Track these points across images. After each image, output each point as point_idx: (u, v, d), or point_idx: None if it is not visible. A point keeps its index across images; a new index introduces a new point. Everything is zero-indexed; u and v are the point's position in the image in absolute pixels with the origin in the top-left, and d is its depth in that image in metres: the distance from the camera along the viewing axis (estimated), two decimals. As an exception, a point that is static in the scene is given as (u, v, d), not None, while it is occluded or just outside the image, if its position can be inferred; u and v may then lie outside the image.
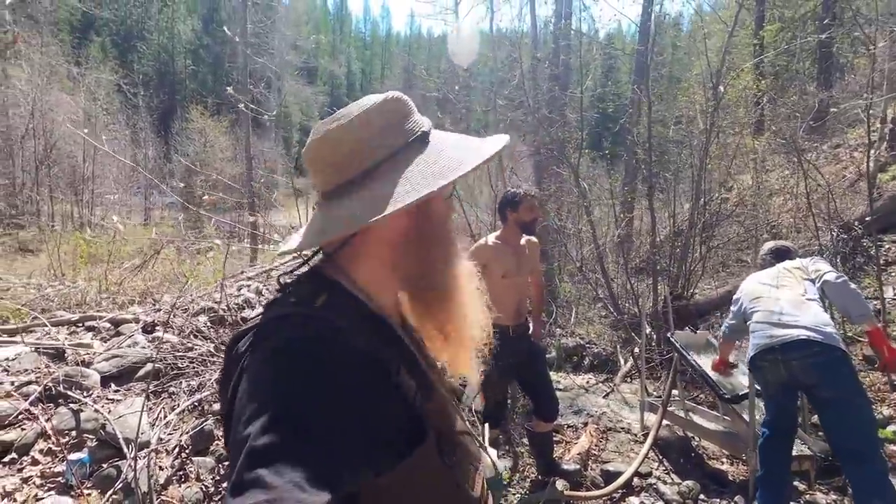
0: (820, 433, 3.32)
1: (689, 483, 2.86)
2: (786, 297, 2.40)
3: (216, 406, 2.08)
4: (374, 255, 0.68)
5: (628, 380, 4.95)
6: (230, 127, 18.69)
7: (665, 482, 2.98)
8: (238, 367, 0.58)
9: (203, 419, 2.02)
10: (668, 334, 3.48)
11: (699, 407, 3.51)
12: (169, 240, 6.53)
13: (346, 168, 0.66)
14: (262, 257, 7.07)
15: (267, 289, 3.79)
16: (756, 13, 12.34)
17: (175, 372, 2.27)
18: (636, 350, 5.24)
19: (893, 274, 5.33)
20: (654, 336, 5.48)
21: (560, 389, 4.65)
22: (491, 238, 2.73)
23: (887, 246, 5.75)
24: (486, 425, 1.39)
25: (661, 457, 3.25)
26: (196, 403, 2.10)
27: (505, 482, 2.53)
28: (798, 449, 2.64)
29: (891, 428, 3.21)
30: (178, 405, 2.06)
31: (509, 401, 3.78)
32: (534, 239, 2.82)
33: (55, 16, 26.33)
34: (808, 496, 2.67)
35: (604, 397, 4.52)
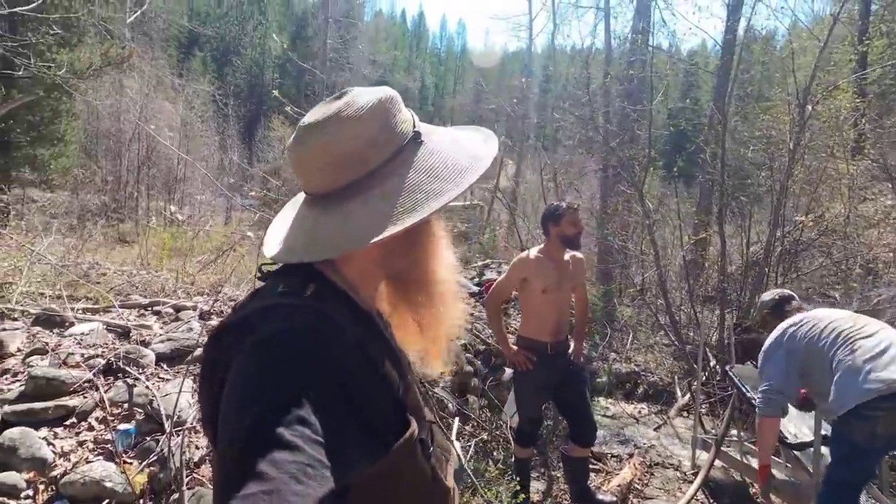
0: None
1: (740, 532, 2.61)
2: (887, 334, 2.06)
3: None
4: (364, 255, 0.66)
5: (684, 414, 4.62)
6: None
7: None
8: (224, 360, 0.57)
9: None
10: (728, 367, 3.22)
11: (750, 445, 3.20)
12: (242, 237, 6.99)
13: (346, 169, 0.64)
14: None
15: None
16: (859, 28, 11.31)
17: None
18: (695, 383, 4.89)
19: None
20: (717, 369, 5.09)
21: (608, 416, 4.44)
22: (534, 251, 2.68)
23: None
24: (456, 419, 1.36)
25: (711, 500, 2.99)
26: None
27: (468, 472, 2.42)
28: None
29: None
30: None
31: (549, 422, 3.66)
32: (579, 254, 2.73)
33: (167, 33, 29.32)
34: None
35: (655, 430, 4.25)
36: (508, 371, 4.17)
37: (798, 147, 5.42)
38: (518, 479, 2.72)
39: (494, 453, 3.14)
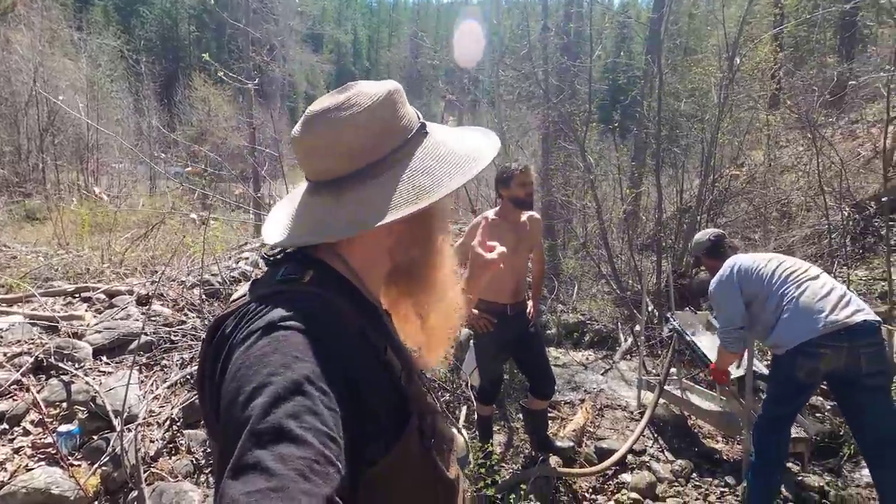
0: (817, 415, 3.31)
1: (682, 462, 2.87)
2: (828, 279, 2.19)
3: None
4: (374, 242, 0.67)
5: (628, 357, 4.94)
6: (234, 96, 18.47)
7: (659, 460, 2.99)
8: (224, 351, 0.56)
9: (195, 392, 2.02)
10: (668, 314, 3.44)
11: (696, 386, 3.49)
12: (170, 210, 6.52)
13: (357, 158, 0.65)
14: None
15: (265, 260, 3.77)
16: (778, -20, 11.81)
17: (167, 345, 2.27)
18: (637, 327, 5.22)
19: (904, 255, 5.20)
20: (656, 314, 5.45)
21: (558, 366, 4.66)
22: (490, 214, 2.66)
23: (899, 226, 5.60)
24: (465, 407, 1.37)
25: (656, 435, 3.25)
26: (188, 377, 2.10)
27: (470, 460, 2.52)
28: (794, 431, 2.61)
29: None
30: (170, 378, 2.06)
31: (505, 377, 3.78)
32: (536, 215, 2.75)
33: (56, -22, 25.80)
34: (800, 478, 2.67)
35: (602, 374, 4.52)
36: (465, 330, 4.25)
37: (727, 100, 5.68)
38: (482, 435, 2.82)
39: (456, 412, 3.22)
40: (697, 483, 2.72)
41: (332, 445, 0.46)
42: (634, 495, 2.57)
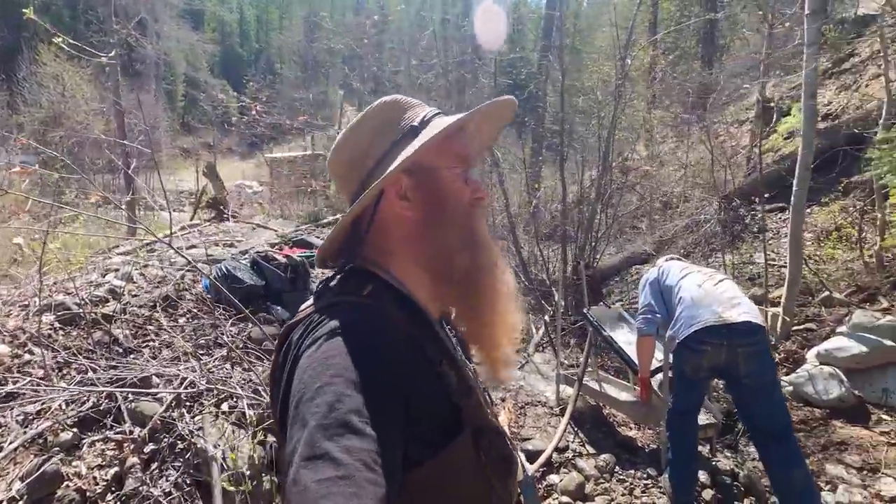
0: (714, 394, 3.59)
1: (605, 456, 2.91)
2: (730, 285, 2.33)
3: (64, 436, 1.61)
4: (399, 251, 0.70)
5: (541, 349, 5.03)
6: (96, 75, 16.00)
7: (582, 455, 3.01)
8: (291, 355, 0.61)
9: (45, 456, 1.55)
10: (585, 310, 3.50)
11: (611, 377, 3.61)
12: (13, 210, 5.38)
13: (358, 168, 0.73)
14: (146, 228, 6.11)
15: (142, 274, 3.18)
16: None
17: (4, 393, 1.74)
18: (546, 318, 5.35)
19: (770, 240, 5.91)
20: (562, 304, 5.64)
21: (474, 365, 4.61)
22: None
23: (760, 215, 6.38)
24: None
25: (576, 429, 3.30)
26: (35, 436, 1.62)
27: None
28: (704, 418, 2.76)
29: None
30: (8, 441, 1.57)
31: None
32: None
33: None
34: (714, 462, 2.84)
35: (519, 369, 4.54)
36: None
37: (621, 97, 6.00)
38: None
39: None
40: (622, 477, 2.78)
41: (390, 441, 0.51)
42: (566, 499, 2.54)
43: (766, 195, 5.63)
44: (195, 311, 2.83)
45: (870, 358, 3.29)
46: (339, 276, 0.72)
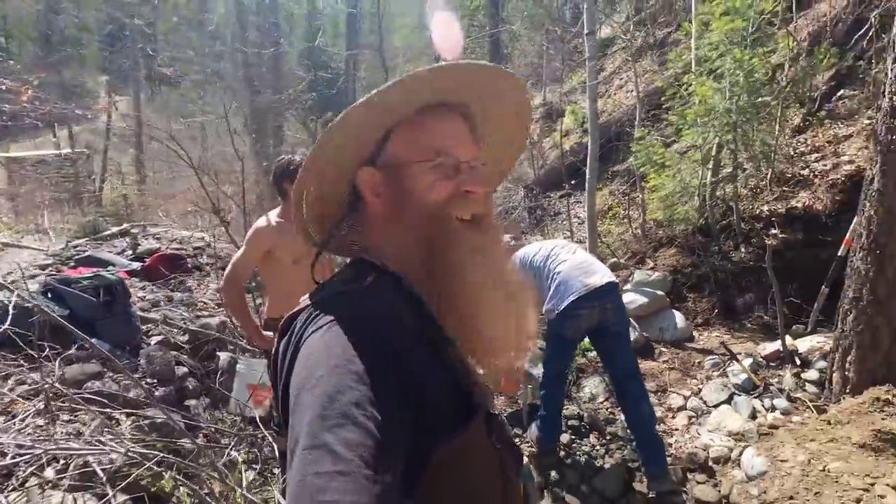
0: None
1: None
2: (583, 252, 2.69)
3: None
4: (381, 242, 0.70)
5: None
6: None
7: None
8: (293, 344, 0.60)
9: None
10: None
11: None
12: None
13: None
14: None
15: None
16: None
17: None
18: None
19: (563, 221, 7.02)
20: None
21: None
22: (273, 216, 2.23)
23: (553, 201, 7.56)
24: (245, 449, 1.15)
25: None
26: None
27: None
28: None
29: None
30: None
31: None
32: (321, 213, 2.46)
33: None
34: (564, 409, 3.30)
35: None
36: (224, 355, 3.56)
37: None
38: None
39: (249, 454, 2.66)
40: (495, 442, 3.04)
41: (392, 433, 0.49)
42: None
43: (565, 184, 6.67)
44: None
45: (650, 306, 4.23)
46: (343, 268, 0.71)
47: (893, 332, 2.51)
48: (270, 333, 2.25)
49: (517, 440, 3.04)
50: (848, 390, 2.61)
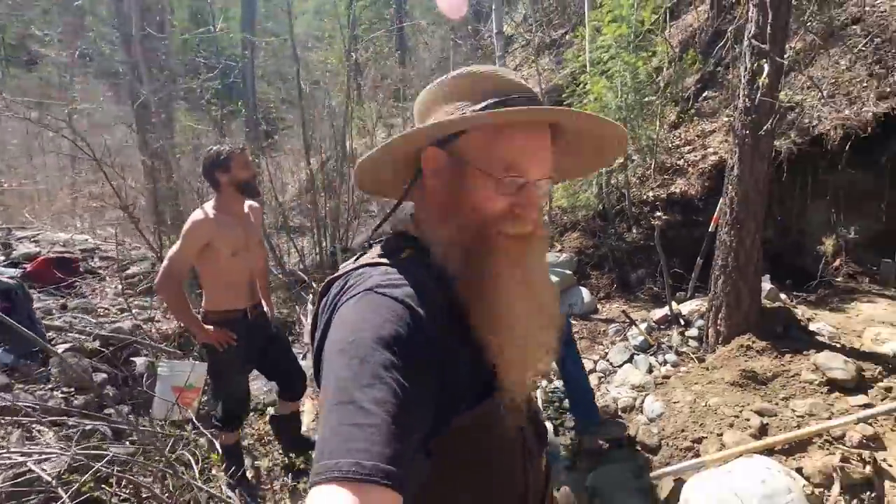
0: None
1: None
2: None
3: None
4: (428, 222, 0.71)
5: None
6: None
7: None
8: (330, 308, 0.63)
9: None
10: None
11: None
12: None
13: (423, 114, 0.74)
14: None
15: None
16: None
17: None
18: (310, 306, 5.42)
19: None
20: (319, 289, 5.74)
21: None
22: (209, 209, 2.20)
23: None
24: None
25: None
26: None
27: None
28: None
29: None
30: None
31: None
32: (255, 204, 2.45)
33: None
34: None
35: (303, 359, 4.50)
36: (140, 360, 3.36)
37: (351, 87, 6.37)
38: (235, 465, 2.39)
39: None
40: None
41: (416, 395, 0.53)
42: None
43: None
44: None
45: (560, 284, 4.66)
46: (384, 240, 0.74)
47: (750, 292, 3.09)
48: (212, 327, 2.22)
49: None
50: (720, 341, 3.15)
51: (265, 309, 2.51)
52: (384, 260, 0.66)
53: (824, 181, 4.23)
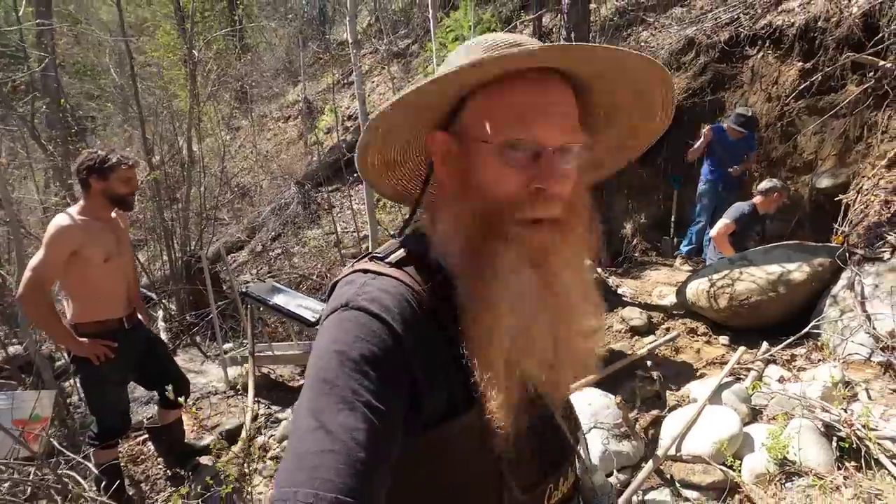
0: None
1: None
2: None
3: None
4: (435, 216, 0.65)
5: (197, 339, 4.81)
6: None
7: (276, 422, 3.37)
8: (324, 317, 0.60)
9: None
10: (244, 290, 3.74)
11: (274, 343, 4.03)
12: None
13: None
14: None
15: None
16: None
17: None
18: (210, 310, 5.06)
19: (338, 214, 7.47)
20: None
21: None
22: (75, 214, 2.09)
23: (325, 195, 7.90)
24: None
25: (258, 400, 3.58)
26: None
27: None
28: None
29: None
30: None
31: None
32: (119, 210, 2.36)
33: None
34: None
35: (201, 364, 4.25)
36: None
37: (195, 86, 5.99)
38: (115, 485, 2.27)
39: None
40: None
41: (384, 419, 0.50)
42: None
43: (348, 177, 7.08)
44: None
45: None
46: (409, 231, 0.69)
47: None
48: (86, 340, 2.12)
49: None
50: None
51: (141, 316, 2.42)
52: (370, 266, 0.61)
53: (622, 178, 5.36)
